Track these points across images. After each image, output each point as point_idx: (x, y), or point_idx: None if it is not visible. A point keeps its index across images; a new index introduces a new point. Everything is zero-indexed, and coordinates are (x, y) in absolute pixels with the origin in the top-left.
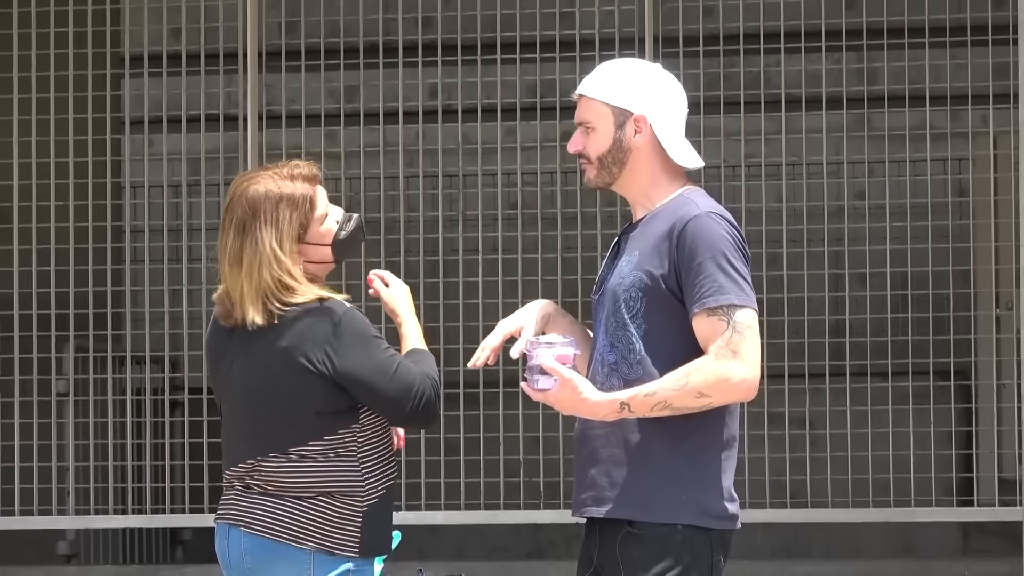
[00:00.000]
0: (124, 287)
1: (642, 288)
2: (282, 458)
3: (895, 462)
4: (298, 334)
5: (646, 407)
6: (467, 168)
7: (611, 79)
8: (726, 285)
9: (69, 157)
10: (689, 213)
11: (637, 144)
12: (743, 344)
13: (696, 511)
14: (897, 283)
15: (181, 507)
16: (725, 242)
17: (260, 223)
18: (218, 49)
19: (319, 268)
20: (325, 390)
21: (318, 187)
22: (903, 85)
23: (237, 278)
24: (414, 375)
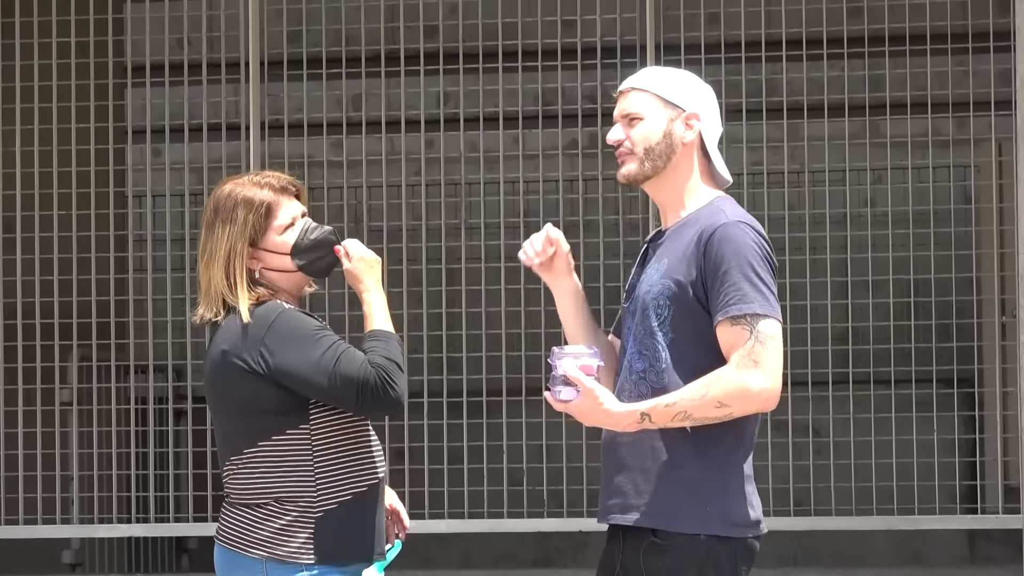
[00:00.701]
0: (128, 296)
1: (670, 296)
2: (239, 461)
3: (900, 470)
4: (235, 335)
5: (666, 417)
6: (471, 176)
7: (664, 77)
8: (750, 294)
9: (73, 167)
10: (717, 221)
11: (686, 141)
12: (765, 354)
13: (721, 521)
14: (902, 290)
15: (185, 516)
16: (752, 251)
17: (219, 221)
18: (221, 58)
19: (282, 278)
20: (265, 389)
21: (286, 199)
22: (906, 92)
23: (203, 273)
24: (356, 366)
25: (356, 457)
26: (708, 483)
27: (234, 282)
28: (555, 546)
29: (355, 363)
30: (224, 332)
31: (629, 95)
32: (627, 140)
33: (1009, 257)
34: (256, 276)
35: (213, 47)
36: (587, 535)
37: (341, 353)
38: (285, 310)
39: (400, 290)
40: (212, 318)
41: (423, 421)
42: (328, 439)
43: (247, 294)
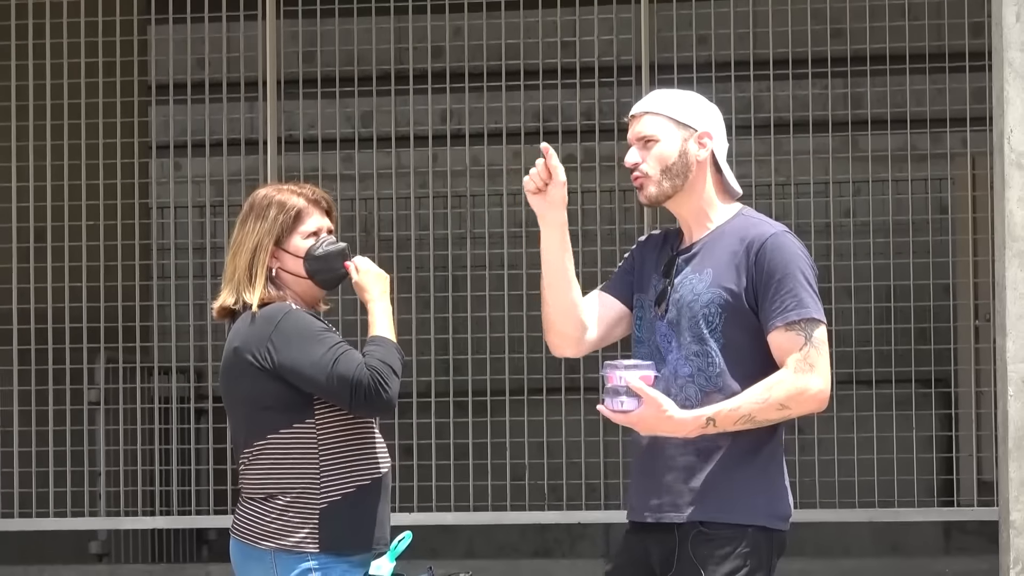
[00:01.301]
0: (152, 302)
1: (722, 304)
2: (249, 455)
3: (880, 465)
4: (245, 333)
5: (730, 421)
6: (475, 189)
7: (674, 100)
8: (806, 300)
9: (100, 180)
10: (766, 232)
11: (700, 159)
12: (819, 358)
13: (767, 514)
14: (881, 296)
15: (206, 509)
16: (803, 260)
17: (252, 216)
18: (240, 77)
19: (296, 283)
20: (272, 385)
21: (317, 211)
22: (886, 109)
23: (230, 262)
24: (352, 367)
25: (360, 452)
26: (756, 480)
27: (254, 273)
28: (554, 537)
29: (351, 364)
30: (236, 330)
31: (643, 119)
32: (644, 163)
33: (983, 265)
34: (273, 275)
35: (232, 67)
36: (584, 527)
37: (340, 354)
38: (292, 310)
39: (408, 296)
40: (231, 305)
41: (431, 419)
42: (333, 434)
43: (261, 288)
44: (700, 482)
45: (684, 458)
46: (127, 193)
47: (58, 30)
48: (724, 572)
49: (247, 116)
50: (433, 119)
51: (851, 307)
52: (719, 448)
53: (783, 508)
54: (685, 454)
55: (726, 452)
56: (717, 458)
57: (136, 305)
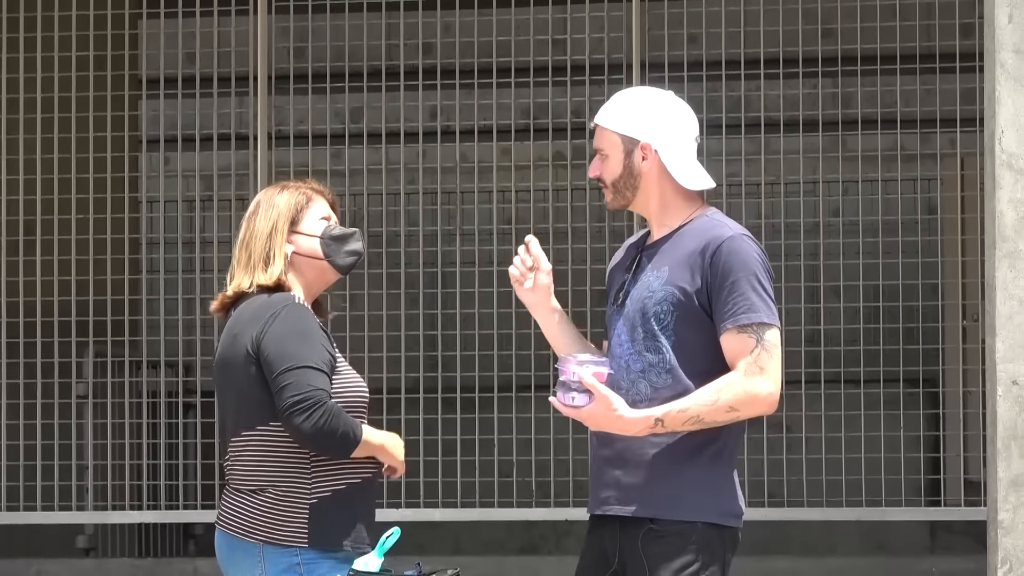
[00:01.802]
0: (141, 296)
1: (674, 302)
2: (238, 444)
3: (867, 464)
4: (246, 320)
5: (679, 422)
6: (464, 186)
7: (621, 109)
8: (757, 304)
9: (90, 173)
10: (723, 234)
11: (645, 170)
12: (770, 362)
13: (716, 511)
14: (869, 295)
15: (193, 503)
16: (757, 263)
17: (264, 205)
18: (230, 72)
19: (309, 265)
20: (263, 374)
21: (325, 201)
22: (876, 109)
23: (241, 252)
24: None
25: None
26: (704, 477)
27: (272, 255)
28: (540, 534)
29: (313, 384)
30: (237, 316)
31: (597, 132)
32: (601, 174)
33: (971, 265)
34: (288, 259)
35: (222, 62)
36: (571, 524)
37: (312, 366)
38: (296, 304)
39: (397, 292)
40: (246, 288)
41: (419, 416)
42: None
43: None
44: (649, 477)
45: (633, 452)
46: (117, 187)
47: (49, 23)
48: (675, 569)
49: (237, 111)
50: (423, 115)
51: (839, 307)
52: (668, 444)
53: (734, 505)
54: (634, 448)
55: (675, 448)
56: (666, 454)
57: (125, 299)
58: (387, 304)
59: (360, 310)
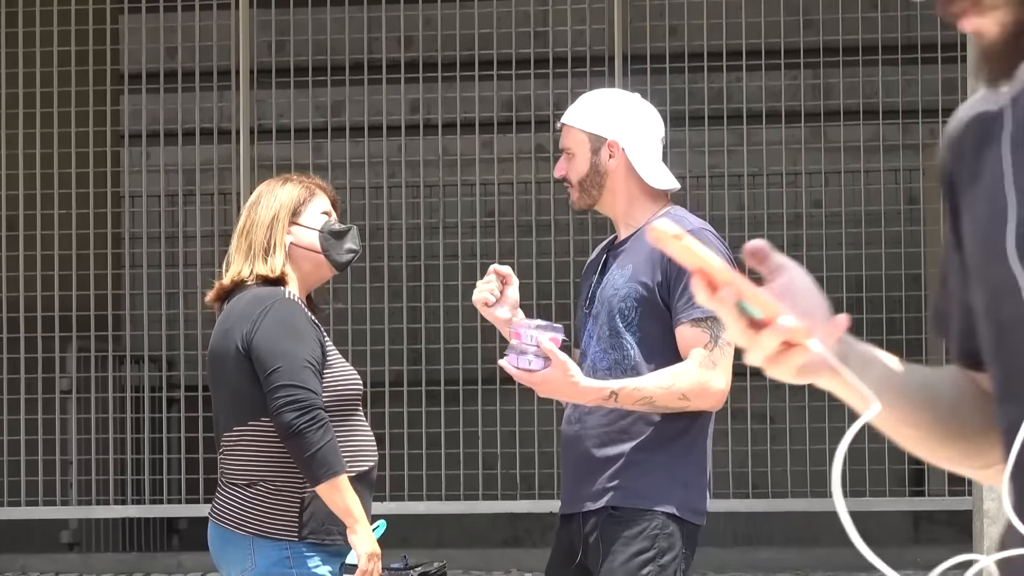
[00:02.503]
0: (123, 291)
1: (637, 299)
2: (230, 439)
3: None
4: (237, 314)
5: (632, 399)
6: (446, 179)
7: (588, 108)
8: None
9: (72, 168)
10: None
11: (612, 168)
12: (723, 359)
13: (680, 503)
14: (852, 286)
15: (177, 498)
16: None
17: (265, 195)
18: (212, 67)
19: (306, 258)
20: (252, 369)
21: (327, 197)
22: (857, 100)
23: (241, 241)
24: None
25: (348, 445)
26: (668, 469)
27: (272, 245)
28: (524, 527)
29: (307, 382)
30: (229, 310)
31: (563, 131)
32: (567, 174)
33: None
34: (287, 249)
35: (204, 56)
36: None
37: (303, 366)
38: (286, 299)
39: (380, 285)
40: (245, 277)
41: (403, 409)
42: None
43: (283, 256)
44: (615, 470)
45: (601, 449)
46: (99, 182)
47: (30, 19)
48: (631, 552)
49: (219, 105)
50: (405, 109)
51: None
52: (636, 437)
53: (697, 502)
54: (603, 445)
55: (643, 442)
56: (633, 447)
57: (108, 294)
58: (370, 297)
59: (343, 303)
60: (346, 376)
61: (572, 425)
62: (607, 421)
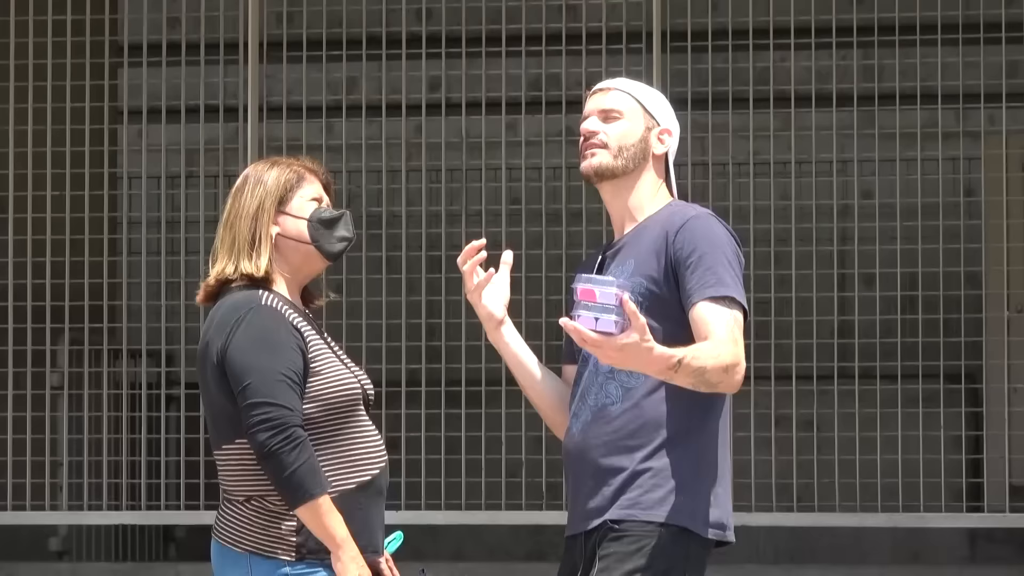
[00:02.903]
0: (120, 279)
1: (642, 292)
2: (223, 456)
3: (904, 466)
4: (215, 327)
5: (690, 370)
6: (470, 163)
7: (644, 88)
8: (727, 280)
9: (66, 147)
10: (688, 213)
11: (657, 153)
12: (740, 342)
13: (689, 514)
14: (906, 284)
15: (176, 504)
16: (726, 243)
17: (251, 182)
18: (218, 39)
19: (296, 249)
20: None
21: (318, 181)
22: (914, 83)
23: (225, 233)
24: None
25: (343, 455)
26: (676, 478)
27: (258, 239)
28: (548, 540)
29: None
30: (210, 318)
31: (611, 93)
32: (602, 133)
33: (1015, 251)
34: (273, 241)
35: (210, 28)
36: None
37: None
38: (261, 306)
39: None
40: (231, 275)
41: (420, 410)
42: (313, 436)
43: (267, 256)
44: (619, 482)
45: (606, 460)
46: (95, 162)
47: None
48: (625, 571)
49: (225, 81)
50: (424, 87)
51: (875, 295)
52: (644, 446)
53: (713, 512)
54: (609, 455)
55: (651, 449)
56: (640, 456)
57: (104, 282)
58: (386, 290)
59: (357, 296)
60: (337, 380)
61: (574, 438)
62: (613, 429)
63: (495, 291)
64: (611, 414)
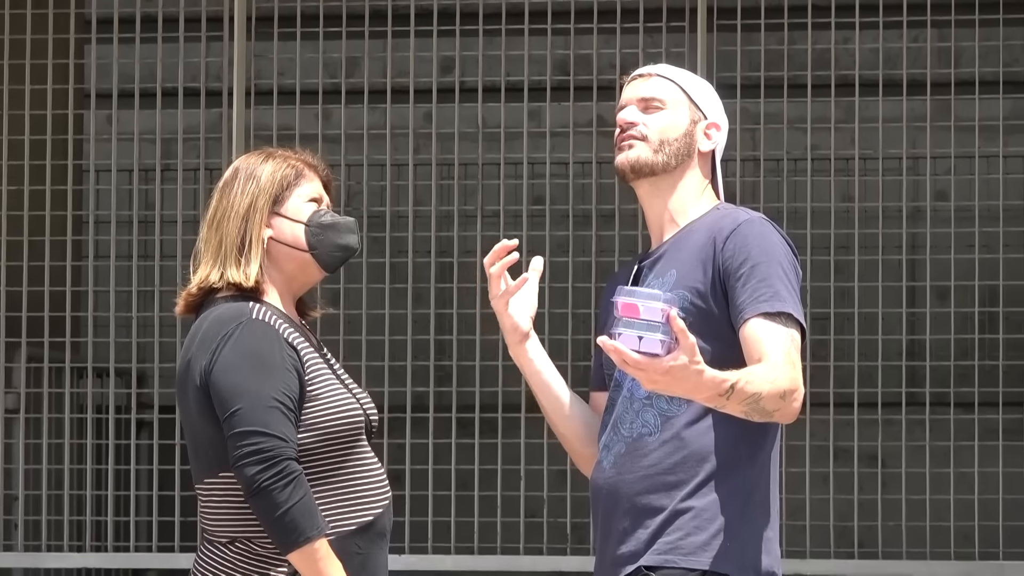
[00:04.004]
0: (86, 287)
1: (686, 308)
2: (204, 491)
3: (981, 508)
4: (199, 343)
5: (742, 397)
6: (487, 156)
7: (690, 77)
8: (784, 293)
9: (25, 135)
10: (739, 218)
11: (703, 150)
12: (798, 363)
13: (737, 562)
14: (985, 298)
15: (147, 545)
16: (783, 252)
17: (241, 179)
18: (199, 12)
19: (291, 257)
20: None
21: (318, 178)
22: (996, 68)
23: (210, 235)
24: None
25: (343, 492)
26: (721, 519)
27: (247, 244)
28: None
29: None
30: (192, 334)
31: (652, 80)
32: (641, 124)
33: None
34: (264, 246)
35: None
36: None
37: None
38: (251, 321)
39: (404, 286)
40: (215, 283)
41: (428, 440)
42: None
43: (257, 263)
44: (657, 524)
45: (643, 499)
46: (57, 152)
47: None
48: None
49: (207, 60)
50: (436, 69)
51: (949, 311)
52: (686, 483)
53: (764, 559)
54: (645, 493)
55: (693, 487)
56: (681, 494)
57: (67, 290)
58: (390, 301)
59: (357, 309)
60: (339, 407)
61: (605, 473)
62: (650, 463)
63: (522, 300)
64: (648, 446)
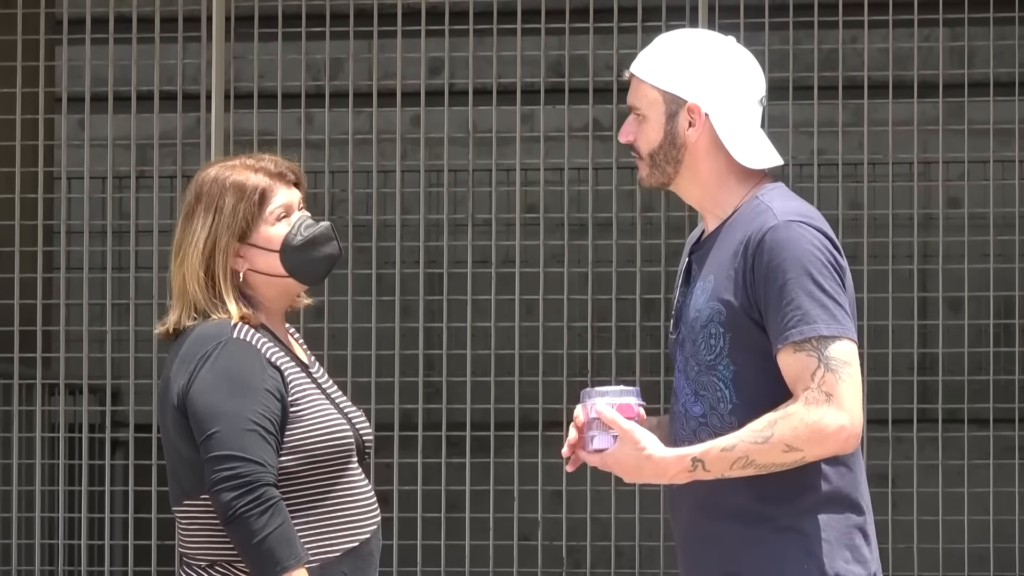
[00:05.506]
0: (58, 300)
1: (722, 322)
2: (182, 514)
3: (996, 528)
4: (178, 364)
5: (724, 464)
6: (477, 162)
7: (665, 56)
8: (812, 312)
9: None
10: (765, 223)
11: (692, 139)
12: (839, 385)
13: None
14: (1000, 310)
15: (123, 569)
16: (810, 256)
17: (202, 210)
18: (176, 12)
19: (269, 284)
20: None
21: (283, 186)
22: (1012, 69)
23: (175, 273)
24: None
25: (329, 518)
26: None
27: (217, 283)
28: None
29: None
30: (171, 355)
31: (632, 83)
32: (636, 141)
33: None
34: (240, 279)
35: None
36: None
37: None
38: (232, 340)
39: (391, 299)
40: (188, 324)
41: (416, 459)
42: (291, 494)
43: (235, 304)
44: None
45: (708, 515)
46: (27, 159)
47: None
48: None
49: (185, 62)
50: (425, 71)
51: (963, 324)
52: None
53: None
54: (710, 509)
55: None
56: (749, 510)
57: (38, 304)
58: (376, 315)
59: (342, 323)
60: (325, 428)
61: (672, 496)
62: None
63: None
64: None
